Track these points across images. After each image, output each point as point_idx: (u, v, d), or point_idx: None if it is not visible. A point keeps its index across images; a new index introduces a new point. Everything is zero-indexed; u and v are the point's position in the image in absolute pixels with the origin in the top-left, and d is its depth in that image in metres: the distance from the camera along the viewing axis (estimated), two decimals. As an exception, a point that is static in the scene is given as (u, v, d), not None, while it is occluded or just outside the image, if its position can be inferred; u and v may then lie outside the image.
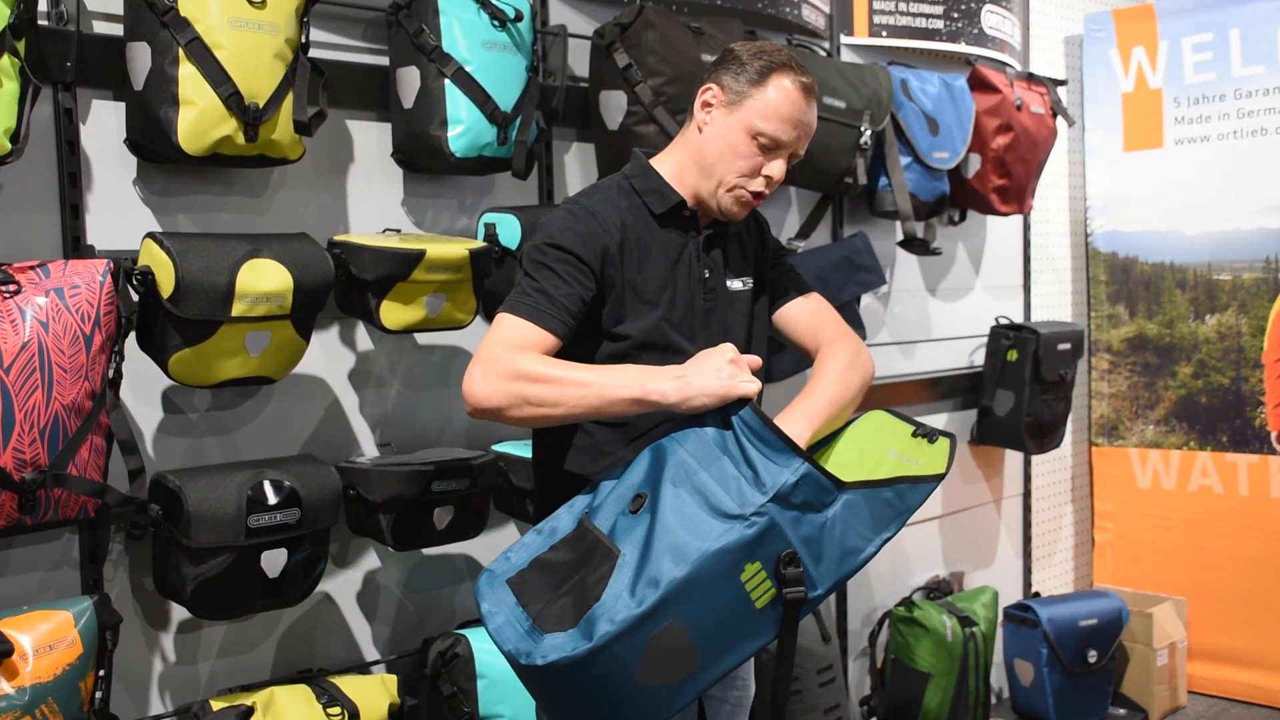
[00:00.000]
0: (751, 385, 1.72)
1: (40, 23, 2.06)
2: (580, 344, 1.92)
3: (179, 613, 2.30)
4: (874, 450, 1.90)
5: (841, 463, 1.92)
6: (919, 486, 1.75)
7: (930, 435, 1.88)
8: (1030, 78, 3.97)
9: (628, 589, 1.60)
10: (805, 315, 2.14)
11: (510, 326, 1.84)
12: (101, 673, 1.99)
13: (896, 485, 1.73)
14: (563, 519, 1.83)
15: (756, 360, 1.79)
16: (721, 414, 1.73)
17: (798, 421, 1.87)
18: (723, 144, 1.96)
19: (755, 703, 2.28)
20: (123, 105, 2.17)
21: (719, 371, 1.72)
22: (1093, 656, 4.01)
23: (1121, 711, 4.19)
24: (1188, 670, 4.42)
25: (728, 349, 1.76)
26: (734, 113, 1.95)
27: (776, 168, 1.96)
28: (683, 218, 2.02)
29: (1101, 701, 4.12)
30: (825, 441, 1.98)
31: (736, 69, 1.96)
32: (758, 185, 1.97)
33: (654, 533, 1.64)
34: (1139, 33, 4.56)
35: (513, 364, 1.77)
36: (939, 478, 1.77)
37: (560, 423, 1.82)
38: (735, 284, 2.08)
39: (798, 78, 1.95)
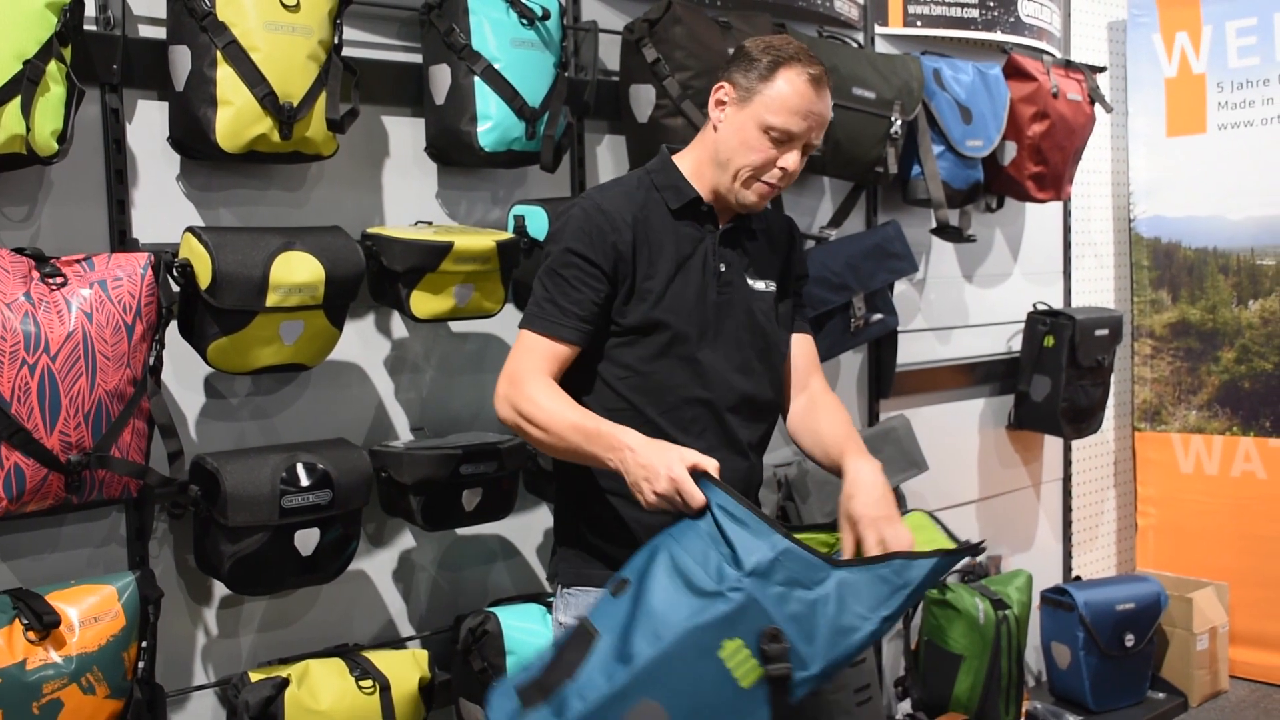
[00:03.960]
0: (694, 500, 1.67)
1: (88, 28, 2.16)
2: (600, 337, 2.00)
3: (220, 588, 2.41)
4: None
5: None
6: (917, 562, 1.66)
7: (963, 550, 1.77)
8: (1068, 65, 3.96)
9: (601, 667, 1.58)
10: (801, 354, 2.18)
11: (528, 344, 1.95)
12: (144, 644, 2.11)
13: (893, 562, 1.65)
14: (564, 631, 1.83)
15: (710, 464, 1.71)
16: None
17: (867, 460, 1.94)
18: (735, 139, 1.99)
19: None
20: (166, 105, 2.28)
21: (653, 484, 1.71)
22: (1130, 640, 4.02)
23: (1160, 695, 4.19)
24: (1229, 655, 4.40)
25: (674, 460, 1.70)
26: (745, 108, 1.98)
27: (791, 159, 1.98)
28: (700, 213, 2.06)
29: (1139, 685, 4.13)
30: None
31: (746, 65, 1.99)
32: (773, 177, 2.00)
33: (634, 614, 1.61)
34: (1182, 17, 4.52)
35: (519, 398, 1.89)
36: (943, 554, 1.68)
37: (557, 456, 1.96)
38: (758, 284, 2.10)
39: (805, 69, 1.96)
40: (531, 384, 1.89)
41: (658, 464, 1.71)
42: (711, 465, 1.71)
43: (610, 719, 1.56)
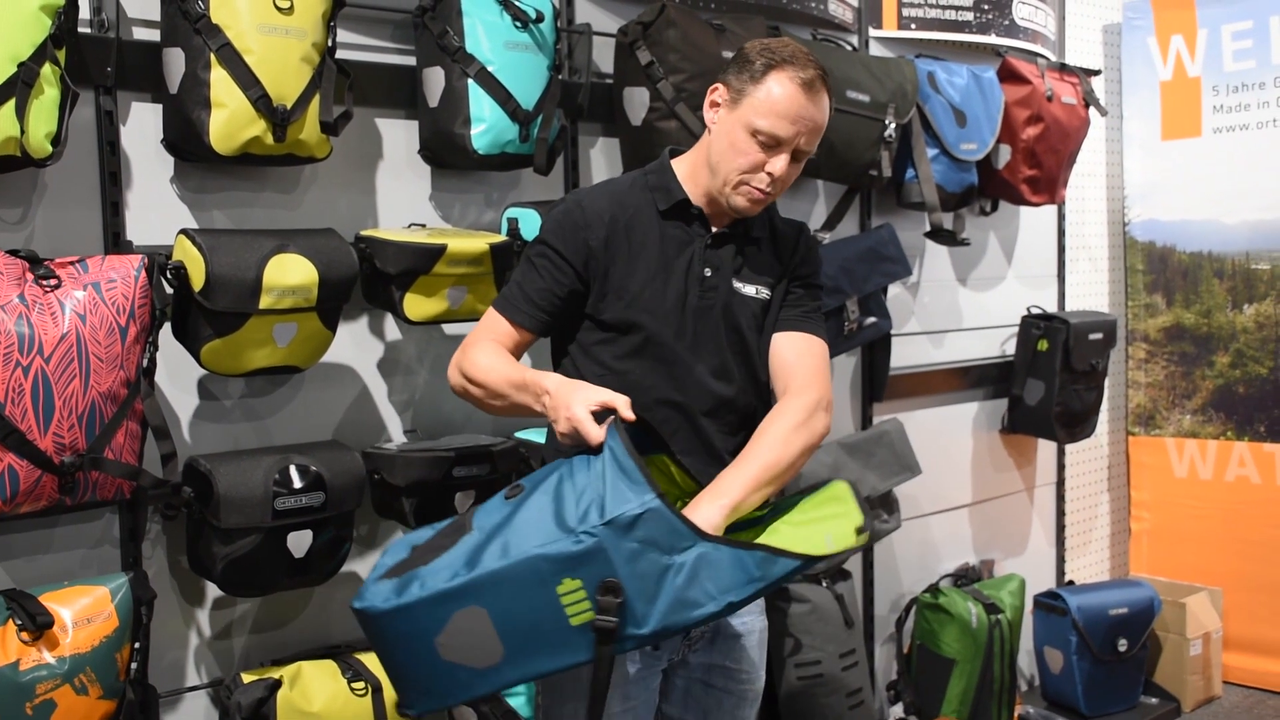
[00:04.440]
0: (591, 438, 1.73)
1: (83, 30, 2.17)
2: (571, 328, 2.07)
3: (213, 590, 2.41)
4: (816, 529, 1.84)
5: (781, 530, 1.89)
6: (781, 561, 1.65)
7: (862, 530, 1.80)
8: (1063, 68, 3.97)
9: (451, 563, 1.66)
10: (789, 354, 2.08)
11: (487, 321, 2.06)
12: (137, 645, 2.11)
13: (758, 553, 1.65)
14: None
15: (620, 401, 1.78)
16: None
17: (715, 499, 1.81)
18: (725, 141, 1.98)
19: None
20: (160, 108, 2.29)
21: (559, 423, 1.80)
22: (1123, 645, 4.03)
23: (1153, 701, 4.20)
24: (1223, 661, 4.41)
25: (575, 400, 1.78)
26: (735, 111, 1.97)
27: (779, 164, 1.96)
28: (690, 215, 2.06)
29: (1132, 690, 4.14)
30: (782, 505, 1.96)
31: (741, 67, 1.98)
32: (761, 182, 1.97)
33: (506, 523, 1.69)
34: (1178, 20, 4.53)
35: (464, 361, 2.01)
36: (808, 560, 1.68)
37: (503, 414, 2.01)
38: (747, 289, 2.08)
39: (798, 74, 1.93)
40: (475, 349, 2.00)
41: (561, 404, 1.80)
42: (621, 402, 1.77)
43: (440, 614, 1.64)
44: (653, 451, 1.90)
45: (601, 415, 1.76)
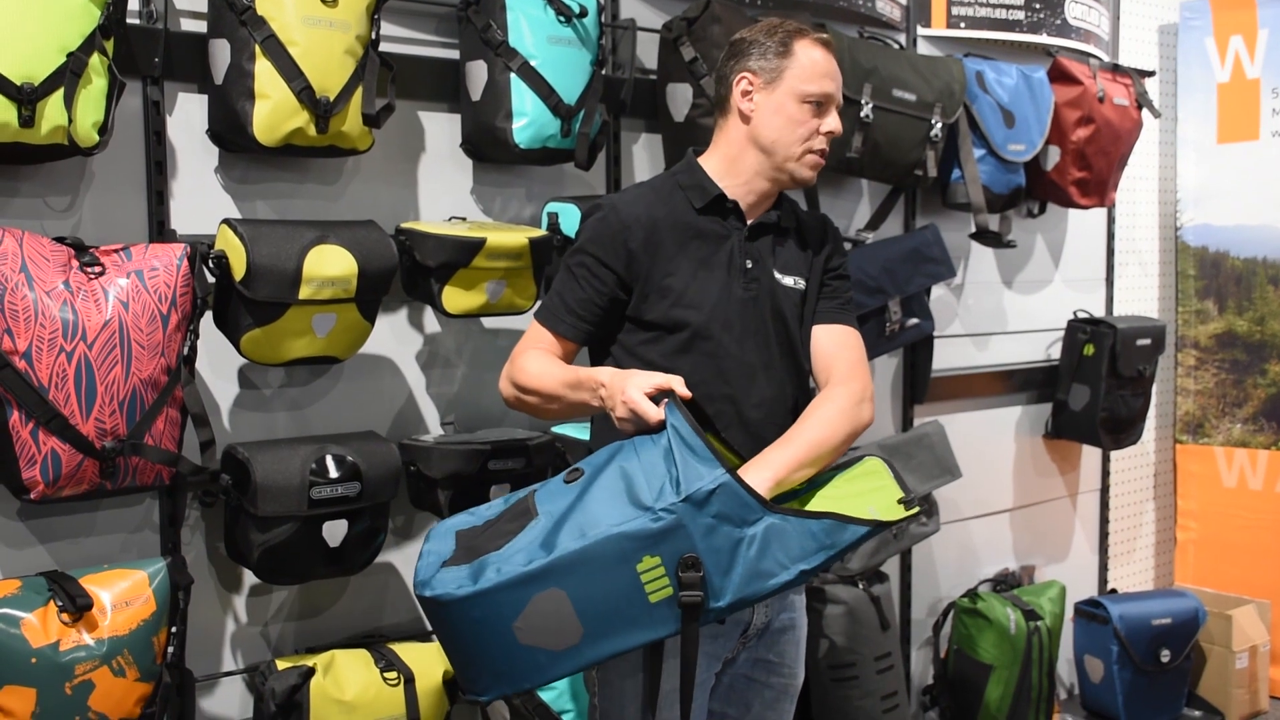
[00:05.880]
0: (650, 418, 1.75)
1: (131, 21, 2.20)
2: (612, 331, 2.06)
3: (250, 577, 2.44)
4: (857, 502, 1.86)
5: (825, 498, 1.92)
6: (850, 527, 1.70)
7: (909, 502, 1.82)
8: (1116, 68, 3.91)
9: (526, 547, 1.66)
10: (829, 345, 2.12)
11: (532, 332, 2.08)
12: (174, 629, 2.14)
13: (826, 521, 1.70)
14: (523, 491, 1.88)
15: (675, 381, 1.80)
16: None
17: (760, 470, 1.85)
18: (778, 119, 2.03)
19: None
20: (205, 98, 2.31)
21: (616, 409, 1.82)
22: (1166, 656, 3.97)
23: (1197, 713, 4.13)
24: (1270, 675, 4.33)
25: (630, 385, 1.80)
26: (776, 88, 2.03)
27: (832, 121, 2.05)
28: (726, 210, 2.08)
29: (1175, 702, 4.07)
30: (817, 480, 1.97)
31: (759, 51, 2.05)
32: (820, 144, 2.06)
33: (575, 505, 1.70)
34: (1237, 20, 4.44)
35: (514, 372, 2.03)
36: (878, 525, 1.73)
37: (559, 418, 2.03)
38: (786, 280, 2.11)
39: (816, 36, 2.06)
40: (524, 357, 2.02)
41: (616, 390, 1.81)
42: (676, 382, 1.79)
43: (519, 598, 1.64)
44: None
45: (656, 398, 1.78)
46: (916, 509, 1.81)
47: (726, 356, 2.03)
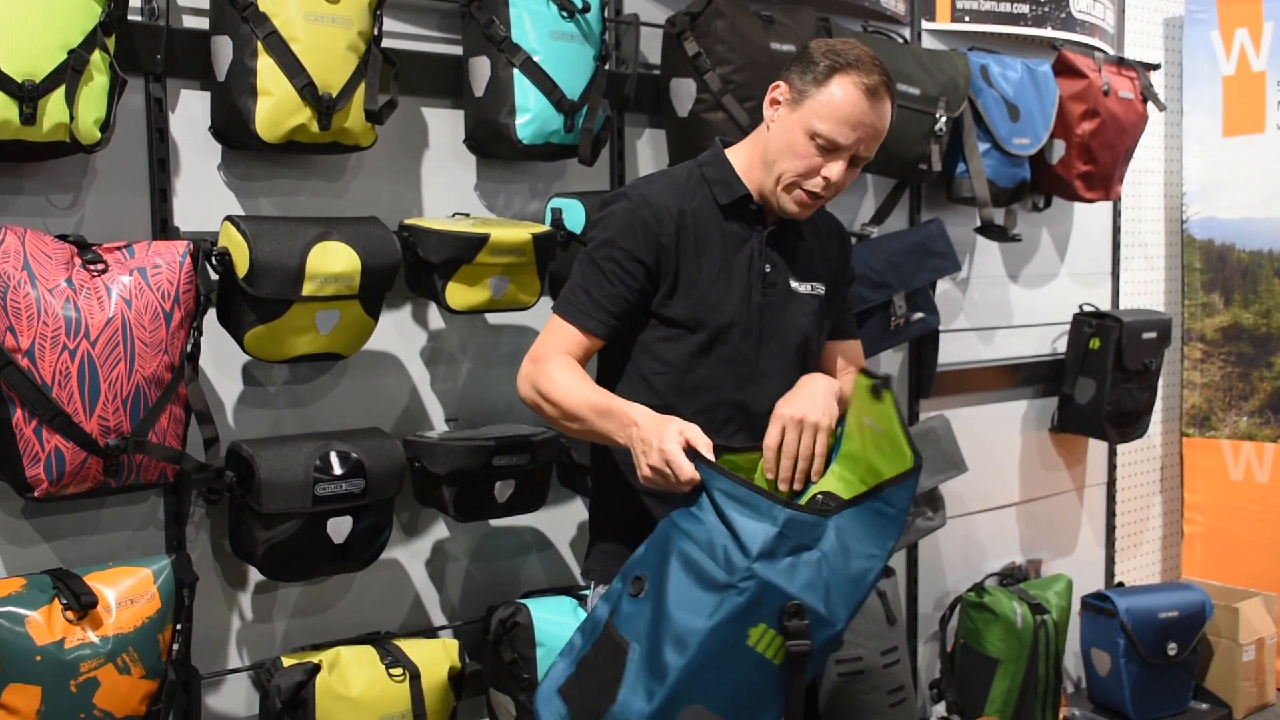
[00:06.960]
0: (682, 473, 1.66)
1: (133, 18, 2.19)
2: (636, 329, 2.00)
3: (255, 574, 2.44)
4: (855, 423, 1.82)
5: (847, 452, 1.88)
6: (902, 486, 1.66)
7: (875, 389, 1.74)
8: (1121, 62, 3.90)
9: (638, 686, 1.60)
10: (841, 361, 2.20)
11: (555, 329, 1.97)
12: (179, 627, 2.14)
13: (881, 492, 1.66)
14: (600, 610, 1.78)
15: (704, 443, 1.70)
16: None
17: (819, 376, 1.94)
18: (783, 141, 1.95)
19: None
20: (208, 95, 2.31)
21: (647, 456, 1.71)
22: (1172, 649, 3.96)
23: (1204, 706, 4.12)
24: (1277, 668, 4.32)
25: (669, 433, 1.69)
26: (795, 111, 1.94)
27: (835, 170, 1.93)
28: (749, 211, 2.03)
29: (1182, 695, 4.06)
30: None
31: (805, 67, 1.95)
32: (815, 186, 1.95)
33: (656, 619, 1.62)
34: (1243, 13, 4.43)
35: (538, 376, 1.92)
36: (916, 470, 1.67)
37: (574, 436, 2.00)
38: (802, 287, 2.07)
39: (862, 79, 1.89)
40: (551, 362, 1.92)
41: (653, 436, 1.71)
42: (705, 444, 1.69)
43: None
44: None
45: (689, 452, 1.68)
46: (887, 391, 1.72)
47: (743, 362, 2.00)
